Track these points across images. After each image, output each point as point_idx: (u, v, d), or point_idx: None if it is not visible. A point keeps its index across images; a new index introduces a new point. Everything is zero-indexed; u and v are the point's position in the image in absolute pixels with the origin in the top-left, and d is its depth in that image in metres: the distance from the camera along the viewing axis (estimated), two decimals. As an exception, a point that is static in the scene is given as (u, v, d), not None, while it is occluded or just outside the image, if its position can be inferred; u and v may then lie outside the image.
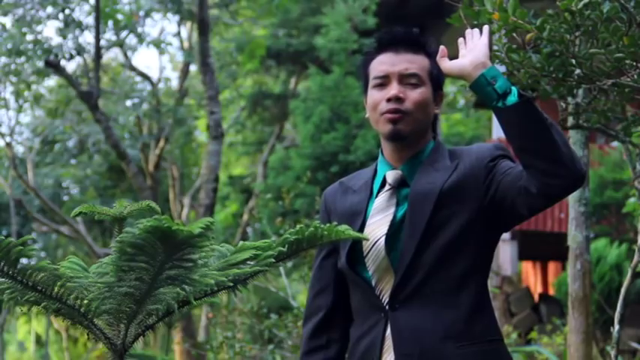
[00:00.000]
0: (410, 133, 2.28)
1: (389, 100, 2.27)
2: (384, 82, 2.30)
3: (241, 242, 1.74)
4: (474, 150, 2.29)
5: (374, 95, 2.31)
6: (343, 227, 1.78)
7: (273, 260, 1.68)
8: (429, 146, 2.34)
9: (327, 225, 1.77)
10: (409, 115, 2.27)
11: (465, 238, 2.22)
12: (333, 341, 2.38)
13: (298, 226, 1.75)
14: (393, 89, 2.27)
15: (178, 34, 18.32)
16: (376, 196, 2.33)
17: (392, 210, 2.27)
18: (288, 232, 1.72)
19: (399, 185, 2.30)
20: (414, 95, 2.28)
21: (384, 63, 2.31)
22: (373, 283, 2.26)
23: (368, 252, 2.26)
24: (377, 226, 2.27)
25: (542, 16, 2.62)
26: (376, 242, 2.25)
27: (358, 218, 2.31)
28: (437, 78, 2.34)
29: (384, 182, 2.34)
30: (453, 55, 2.29)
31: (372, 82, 2.33)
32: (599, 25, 2.56)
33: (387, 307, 2.24)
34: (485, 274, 2.28)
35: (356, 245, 2.29)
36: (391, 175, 2.32)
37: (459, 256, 2.22)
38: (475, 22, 2.64)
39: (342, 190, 2.41)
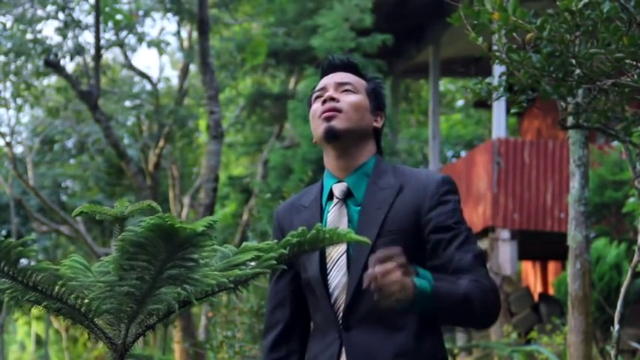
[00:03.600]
0: (344, 132, 2.35)
1: (324, 101, 2.38)
2: (322, 93, 2.42)
3: (244, 243, 1.75)
4: (423, 178, 2.35)
5: (313, 106, 2.43)
6: (345, 230, 1.78)
7: (275, 262, 1.68)
8: (372, 160, 2.41)
9: (329, 228, 1.77)
10: (343, 113, 2.36)
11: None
12: (293, 352, 2.45)
13: (300, 229, 1.75)
14: (329, 92, 2.39)
15: (178, 33, 18.33)
16: (325, 210, 2.40)
17: (345, 222, 2.34)
18: (290, 235, 1.72)
19: (346, 197, 2.37)
20: (348, 97, 2.39)
21: (324, 79, 2.46)
22: (332, 300, 2.33)
23: (331, 269, 2.33)
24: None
25: (543, 16, 2.62)
26: (338, 260, 2.32)
27: None
28: (376, 95, 2.44)
29: (330, 195, 2.40)
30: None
31: (314, 96, 2.45)
32: (599, 25, 2.56)
33: (341, 327, 2.31)
34: None
35: (323, 258, 2.35)
36: (337, 188, 2.38)
37: None
38: (475, 22, 2.65)
39: (295, 209, 2.47)
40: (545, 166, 11.81)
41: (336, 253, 2.32)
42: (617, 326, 3.54)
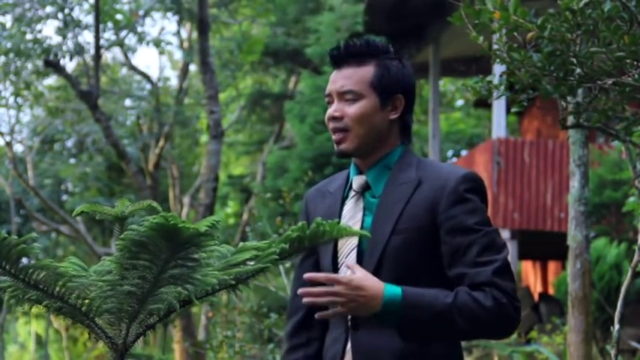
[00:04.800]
0: (355, 150, 2.29)
1: (329, 119, 2.32)
2: (330, 100, 2.35)
3: (242, 243, 1.75)
4: (444, 173, 2.24)
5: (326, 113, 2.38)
6: (344, 225, 1.78)
7: (277, 257, 1.68)
8: (397, 151, 2.32)
9: (329, 222, 1.77)
10: (349, 132, 2.28)
11: (422, 262, 2.22)
12: (314, 339, 2.40)
13: (300, 224, 1.75)
14: (331, 109, 2.32)
15: (178, 33, 18.32)
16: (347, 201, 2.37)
17: (359, 216, 2.29)
18: (291, 229, 1.72)
19: (364, 190, 2.32)
20: (350, 111, 2.28)
21: (329, 81, 2.36)
22: None
23: (342, 263, 2.29)
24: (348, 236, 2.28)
25: (543, 15, 2.62)
26: (349, 254, 2.27)
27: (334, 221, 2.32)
28: (384, 85, 2.29)
29: (351, 186, 2.36)
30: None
31: (325, 101, 2.39)
32: (600, 24, 2.56)
33: (349, 322, 2.26)
34: None
35: (336, 250, 2.31)
36: (356, 181, 2.33)
37: (418, 280, 2.20)
38: (476, 21, 2.65)
39: (322, 194, 2.43)
40: (545, 166, 11.81)
41: (347, 248, 2.28)
42: (617, 326, 3.54)
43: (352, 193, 2.33)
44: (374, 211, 2.27)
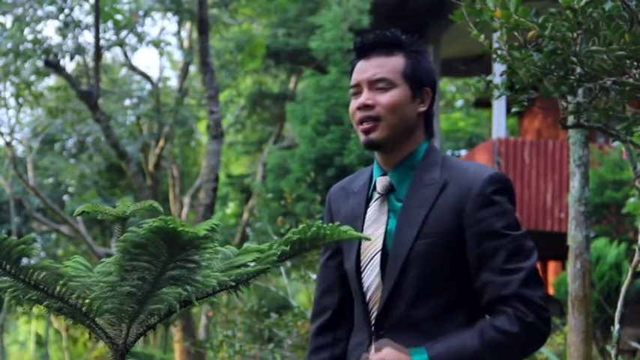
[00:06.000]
0: (385, 140, 2.22)
1: (359, 108, 2.24)
2: (357, 90, 2.27)
3: (246, 244, 1.74)
4: (469, 174, 2.18)
5: (351, 105, 2.29)
6: (345, 227, 1.77)
7: (276, 259, 1.68)
8: (422, 148, 2.27)
9: (330, 225, 1.75)
10: (381, 121, 2.21)
11: (448, 268, 2.16)
12: (340, 340, 2.35)
13: (301, 226, 1.74)
14: (362, 97, 2.24)
15: (178, 33, 18.33)
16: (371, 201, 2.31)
17: (384, 219, 2.23)
18: (291, 232, 1.71)
19: (389, 192, 2.26)
20: (383, 99, 2.21)
21: (356, 71, 2.28)
22: (367, 298, 2.24)
23: (365, 267, 2.24)
24: (372, 239, 2.22)
25: (544, 14, 2.62)
26: (372, 259, 2.22)
27: (358, 223, 2.27)
28: (415, 76, 2.24)
29: (375, 187, 2.30)
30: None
31: (350, 92, 2.31)
32: (601, 23, 2.56)
33: (373, 328, 2.22)
34: (477, 302, 2.18)
35: (360, 254, 2.26)
36: (380, 183, 2.27)
37: (444, 286, 2.17)
38: (477, 20, 2.65)
39: (345, 193, 2.37)
40: (545, 166, 11.81)
41: (370, 252, 2.22)
42: (617, 326, 3.54)
43: (376, 195, 2.27)
44: (398, 215, 2.21)
